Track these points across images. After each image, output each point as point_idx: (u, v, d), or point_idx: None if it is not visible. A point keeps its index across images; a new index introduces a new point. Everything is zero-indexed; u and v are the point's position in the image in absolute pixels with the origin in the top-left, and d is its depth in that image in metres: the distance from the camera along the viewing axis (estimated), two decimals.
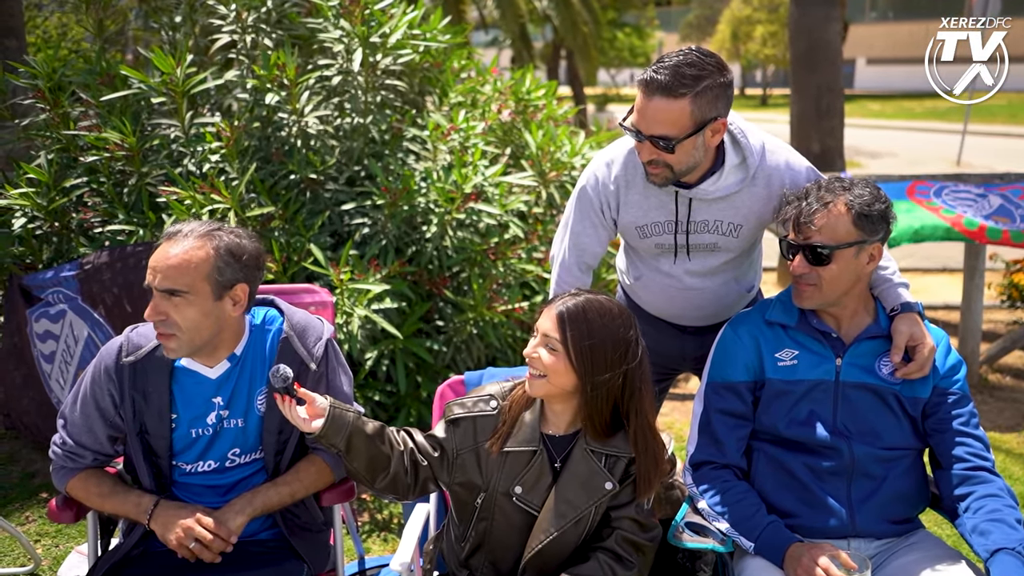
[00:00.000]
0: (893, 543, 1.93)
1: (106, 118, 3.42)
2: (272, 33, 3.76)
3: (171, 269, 1.74)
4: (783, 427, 1.96)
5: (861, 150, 17.23)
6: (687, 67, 1.84)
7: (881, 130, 21.53)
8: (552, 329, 1.73)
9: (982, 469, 1.85)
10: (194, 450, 1.87)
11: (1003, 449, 3.78)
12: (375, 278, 3.29)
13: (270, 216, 3.36)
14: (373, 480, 1.82)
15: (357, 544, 2.52)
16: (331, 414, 1.76)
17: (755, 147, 2.04)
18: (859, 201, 1.86)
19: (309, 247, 3.31)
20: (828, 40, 6.58)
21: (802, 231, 1.89)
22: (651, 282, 2.27)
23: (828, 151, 6.71)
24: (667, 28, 36.59)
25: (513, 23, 13.78)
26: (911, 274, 7.43)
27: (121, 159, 3.35)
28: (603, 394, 1.73)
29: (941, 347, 1.98)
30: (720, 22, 28.24)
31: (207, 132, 3.38)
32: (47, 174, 3.35)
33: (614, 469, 1.79)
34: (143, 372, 1.83)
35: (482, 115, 4.15)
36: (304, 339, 1.93)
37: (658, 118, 1.87)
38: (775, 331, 2.03)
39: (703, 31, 30.72)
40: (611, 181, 2.14)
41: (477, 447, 1.84)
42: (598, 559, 1.75)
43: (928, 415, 1.95)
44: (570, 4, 13.96)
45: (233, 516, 1.82)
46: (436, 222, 3.52)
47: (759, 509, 1.89)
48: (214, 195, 3.13)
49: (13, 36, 6.35)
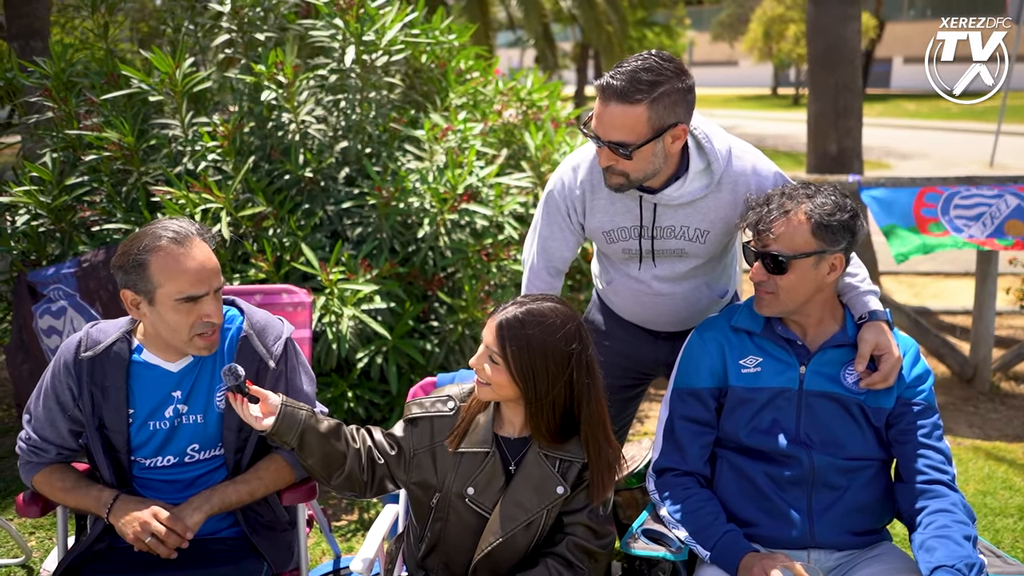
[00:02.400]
0: (855, 555, 1.90)
1: (108, 117, 3.48)
2: (270, 31, 3.79)
3: (218, 268, 1.85)
4: (744, 435, 1.94)
5: (893, 151, 16.92)
6: (644, 72, 1.81)
7: (916, 130, 21.11)
8: (492, 342, 1.73)
9: (939, 483, 1.81)
10: (152, 444, 1.90)
11: (1007, 460, 3.69)
12: (365, 278, 3.30)
13: (263, 215, 3.39)
14: (329, 477, 1.84)
15: (332, 543, 2.53)
16: (282, 412, 1.78)
17: (720, 152, 2.01)
18: (820, 211, 1.83)
19: (301, 247, 3.34)
20: (846, 39, 6.46)
21: (761, 238, 1.86)
22: (622, 287, 2.26)
23: (845, 152, 6.59)
24: (699, 27, 36.28)
25: (536, 23, 13.76)
26: (931, 278, 7.29)
27: (120, 158, 3.41)
28: (547, 403, 1.72)
29: (908, 356, 1.94)
30: (752, 21, 27.88)
31: (204, 131, 3.42)
32: (50, 172, 3.42)
33: (567, 474, 1.78)
34: (101, 367, 1.87)
35: (483, 116, 4.14)
36: (263, 338, 1.96)
37: (615, 124, 1.85)
38: (741, 337, 2.00)
39: (735, 30, 30.38)
40: (577, 186, 2.13)
41: (434, 447, 1.85)
42: (547, 564, 1.74)
43: (891, 425, 1.91)
44: (595, 4, 13.91)
45: (191, 512, 1.85)
46: (428, 222, 3.53)
47: (718, 517, 1.87)
48: (206, 195, 3.17)
49: (38, 37, 6.50)
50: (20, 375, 3.86)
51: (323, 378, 3.55)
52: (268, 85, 3.44)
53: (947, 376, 4.78)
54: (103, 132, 3.38)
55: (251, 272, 3.29)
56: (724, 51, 35.75)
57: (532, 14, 13.34)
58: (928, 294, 6.83)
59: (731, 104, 31.39)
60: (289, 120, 3.61)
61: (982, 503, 3.27)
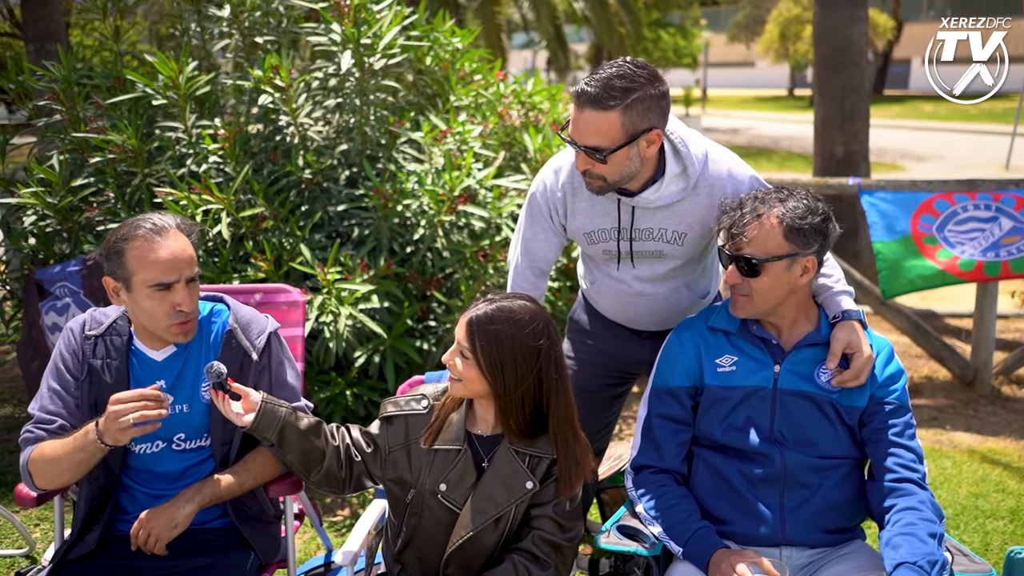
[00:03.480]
0: (827, 552, 1.92)
1: (113, 120, 3.56)
2: (269, 35, 3.86)
3: (192, 259, 1.91)
4: (720, 433, 1.97)
5: (908, 152, 16.82)
6: (617, 79, 1.86)
7: (933, 132, 20.96)
8: (463, 337, 1.78)
9: (908, 481, 1.84)
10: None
11: (1002, 463, 3.69)
12: (362, 278, 3.36)
13: (263, 216, 3.46)
14: (308, 473, 1.90)
15: (323, 537, 2.59)
16: (262, 409, 1.84)
17: (696, 156, 2.05)
18: (791, 214, 1.86)
19: (300, 247, 3.40)
20: (853, 41, 6.48)
21: (734, 242, 1.89)
22: (605, 287, 2.30)
23: (852, 155, 6.60)
24: (715, 28, 36.16)
25: (548, 24, 13.80)
26: None
27: (125, 160, 3.49)
28: (516, 399, 1.77)
29: (882, 356, 1.97)
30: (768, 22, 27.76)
31: (206, 134, 3.50)
32: (57, 174, 3.51)
33: (536, 469, 1.82)
34: (104, 346, 1.97)
35: (483, 118, 4.19)
36: (247, 332, 2.03)
37: (589, 130, 1.89)
38: (717, 337, 2.04)
39: (752, 31, 30.23)
40: (559, 188, 2.18)
41: (408, 445, 1.90)
42: (513, 561, 1.78)
43: (864, 424, 1.94)
44: (607, 5, 13.92)
45: (183, 504, 1.90)
46: (425, 224, 3.58)
47: (691, 514, 1.91)
48: (206, 196, 3.24)
49: (54, 40, 6.63)
50: (30, 371, 3.95)
51: (322, 376, 3.61)
52: (266, 89, 3.50)
53: (948, 379, 4.77)
54: (108, 135, 3.46)
55: (250, 272, 3.35)
56: (740, 52, 35.58)
57: (544, 16, 13.39)
58: (935, 296, 6.80)
59: (747, 105, 31.28)
60: (288, 123, 3.67)
61: (974, 505, 3.28)
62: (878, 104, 26.59)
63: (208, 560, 1.97)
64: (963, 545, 1.92)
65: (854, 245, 6.58)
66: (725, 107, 31.00)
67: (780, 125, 23.58)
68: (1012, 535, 3.05)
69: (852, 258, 6.38)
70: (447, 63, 4.30)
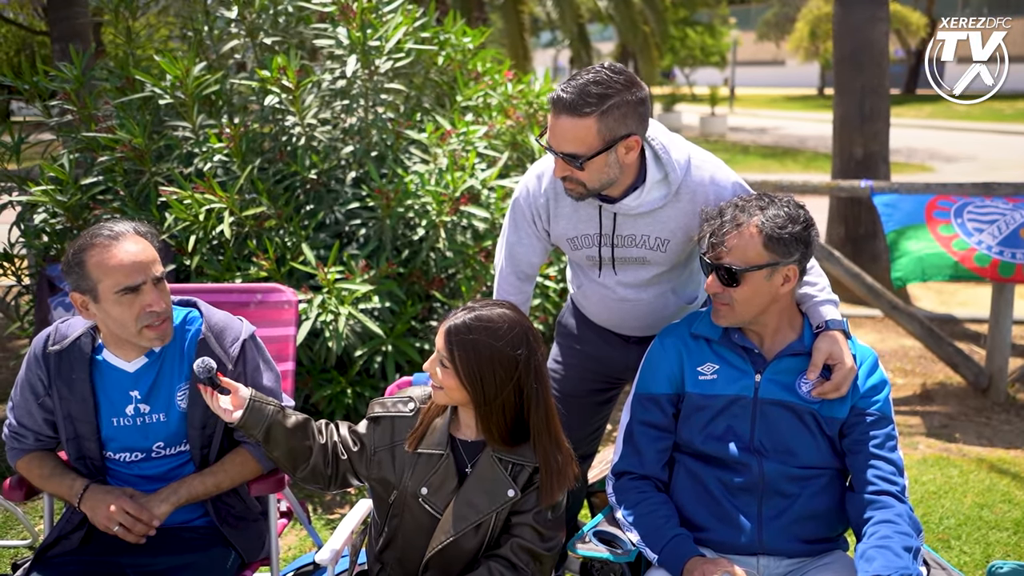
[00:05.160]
0: (805, 562, 1.91)
1: (123, 120, 3.61)
2: (276, 36, 3.90)
3: (155, 259, 1.91)
4: (700, 442, 1.96)
5: (938, 153, 16.54)
6: (593, 85, 1.85)
7: (966, 132, 20.58)
8: (442, 346, 1.78)
9: (887, 494, 1.81)
10: (118, 440, 1.99)
11: (1010, 472, 3.62)
12: (363, 279, 3.38)
13: (267, 215, 3.50)
14: (294, 470, 1.92)
15: (313, 535, 2.61)
16: (250, 405, 1.86)
17: (678, 162, 2.03)
18: (771, 223, 1.84)
19: (302, 247, 3.43)
20: (873, 40, 6.36)
21: (715, 251, 1.88)
22: (590, 292, 2.29)
23: (871, 156, 6.49)
24: (745, 26, 35.79)
25: (572, 23, 13.76)
26: (959, 284, 7.12)
27: (132, 159, 3.54)
28: (496, 407, 1.77)
29: (865, 366, 1.94)
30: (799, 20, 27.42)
31: (211, 133, 3.54)
32: (67, 172, 3.57)
33: (518, 477, 1.82)
34: (67, 361, 1.96)
35: (491, 118, 4.19)
36: (221, 340, 2.02)
37: (566, 136, 1.89)
38: (699, 344, 2.02)
39: (781, 29, 29.88)
40: (541, 193, 2.17)
41: (393, 446, 1.91)
42: (489, 567, 1.78)
43: (844, 435, 1.91)
44: (631, 3, 13.85)
45: (158, 503, 1.93)
46: (426, 224, 3.60)
47: (668, 521, 1.89)
48: (209, 195, 3.28)
49: (79, 39, 6.74)
50: None
51: (324, 375, 3.64)
52: (272, 89, 3.54)
53: (961, 386, 4.69)
54: (117, 134, 3.51)
55: (252, 271, 3.39)
56: (770, 50, 35.20)
57: (567, 14, 13.34)
58: (956, 301, 6.70)
59: (776, 104, 30.94)
60: (294, 123, 3.71)
61: (978, 516, 3.22)
62: (910, 104, 26.16)
63: (189, 558, 2.00)
64: (942, 558, 1.89)
65: (872, 248, 6.48)
66: (753, 106, 30.68)
67: (808, 125, 23.28)
68: (1015, 547, 2.99)
69: (870, 261, 6.29)
70: (458, 63, 4.31)
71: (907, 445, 3.95)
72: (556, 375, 2.45)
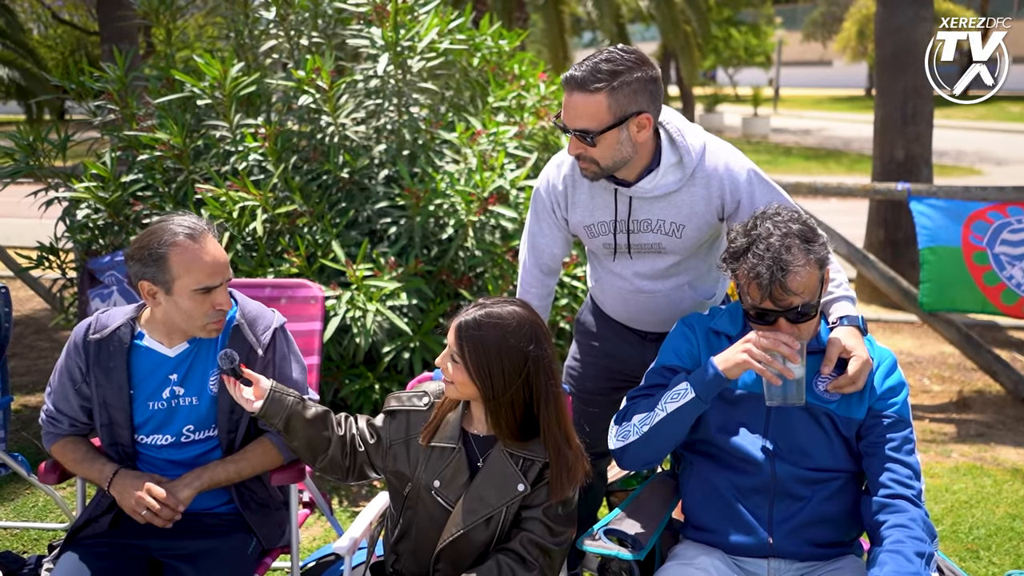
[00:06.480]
0: (816, 566, 1.90)
1: (162, 119, 3.72)
2: (313, 37, 3.97)
3: (227, 263, 2.03)
4: (714, 432, 1.95)
5: (988, 156, 16.13)
6: (604, 63, 1.92)
7: (1019, 135, 20.02)
8: (452, 342, 1.82)
9: (901, 497, 1.79)
10: (151, 424, 2.07)
11: None
12: (391, 276, 3.44)
13: (299, 213, 3.57)
14: (314, 460, 1.98)
15: (335, 525, 2.67)
16: (270, 396, 1.92)
17: (693, 147, 2.07)
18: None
19: (332, 244, 3.50)
20: (917, 41, 6.25)
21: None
22: (608, 285, 2.32)
23: (913, 158, 6.37)
24: (792, 26, 35.26)
25: (611, 23, 13.73)
26: None
27: (171, 157, 3.65)
28: (505, 403, 1.80)
29: (883, 367, 1.92)
30: (846, 19, 26.93)
31: (247, 133, 3.62)
32: (108, 170, 3.69)
33: (528, 472, 1.85)
34: (106, 349, 2.05)
35: (521, 119, 4.22)
36: (254, 327, 2.11)
37: (578, 112, 1.96)
38: (720, 340, 2.02)
39: (828, 29, 29.39)
40: (560, 182, 2.22)
41: (408, 440, 1.95)
42: (497, 560, 1.81)
43: (861, 437, 1.90)
44: (672, 3, 13.76)
45: (182, 488, 2.01)
46: (454, 223, 3.64)
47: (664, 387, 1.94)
48: (243, 193, 3.36)
49: (126, 40, 6.94)
50: None
51: (352, 370, 3.71)
52: (307, 90, 3.61)
53: (1000, 395, 4.58)
54: (157, 133, 3.62)
55: (284, 267, 3.47)
56: (817, 50, 34.58)
57: (607, 14, 13.33)
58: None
59: (821, 105, 30.43)
60: (328, 123, 3.78)
61: (1009, 527, 3.15)
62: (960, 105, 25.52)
63: (212, 543, 2.06)
64: (956, 566, 1.87)
65: (912, 253, 6.34)
66: (798, 107, 30.21)
67: (854, 126, 22.85)
68: None
69: (909, 267, 6.16)
70: (493, 64, 4.35)
71: (940, 453, 3.88)
72: (574, 372, 2.47)
